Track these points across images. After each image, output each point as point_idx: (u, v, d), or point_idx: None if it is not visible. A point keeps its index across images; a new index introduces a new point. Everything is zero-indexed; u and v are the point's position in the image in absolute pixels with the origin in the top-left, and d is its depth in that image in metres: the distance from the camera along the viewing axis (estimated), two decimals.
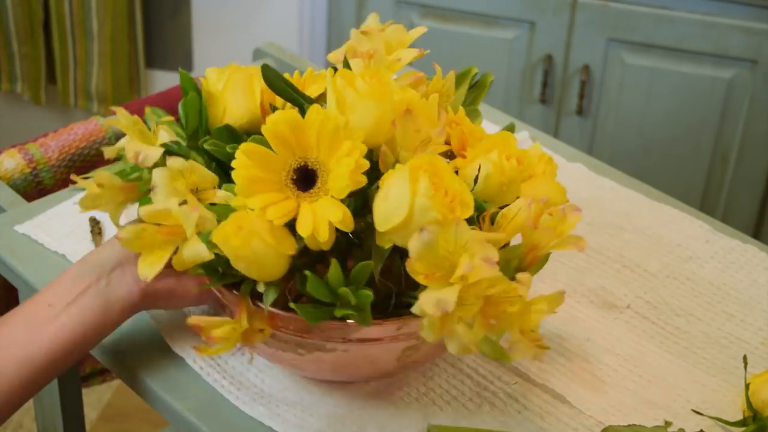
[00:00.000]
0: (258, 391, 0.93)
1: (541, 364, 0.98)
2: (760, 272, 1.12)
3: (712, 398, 0.95)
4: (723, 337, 1.03)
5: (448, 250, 0.75)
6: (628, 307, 1.06)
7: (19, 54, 2.39)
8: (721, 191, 2.07)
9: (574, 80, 2.05)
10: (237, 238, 0.77)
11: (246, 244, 0.77)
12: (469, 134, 0.89)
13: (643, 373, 0.98)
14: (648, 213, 1.20)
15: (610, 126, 2.07)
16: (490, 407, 0.93)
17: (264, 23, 2.32)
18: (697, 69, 1.97)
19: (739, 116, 1.98)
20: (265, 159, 0.79)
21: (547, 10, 2.01)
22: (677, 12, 1.94)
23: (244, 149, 0.79)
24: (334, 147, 0.79)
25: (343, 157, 0.78)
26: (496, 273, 0.74)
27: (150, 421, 2.01)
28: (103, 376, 1.46)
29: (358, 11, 2.12)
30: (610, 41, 2.00)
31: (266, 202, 0.78)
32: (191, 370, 0.95)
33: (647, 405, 0.94)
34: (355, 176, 0.78)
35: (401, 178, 0.77)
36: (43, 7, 2.33)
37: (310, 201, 0.79)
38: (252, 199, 0.78)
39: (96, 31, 2.33)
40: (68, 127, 1.30)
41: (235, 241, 0.77)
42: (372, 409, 0.92)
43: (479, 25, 2.06)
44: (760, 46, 1.91)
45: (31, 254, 1.07)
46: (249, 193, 0.79)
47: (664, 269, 1.11)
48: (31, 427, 1.97)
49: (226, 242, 0.77)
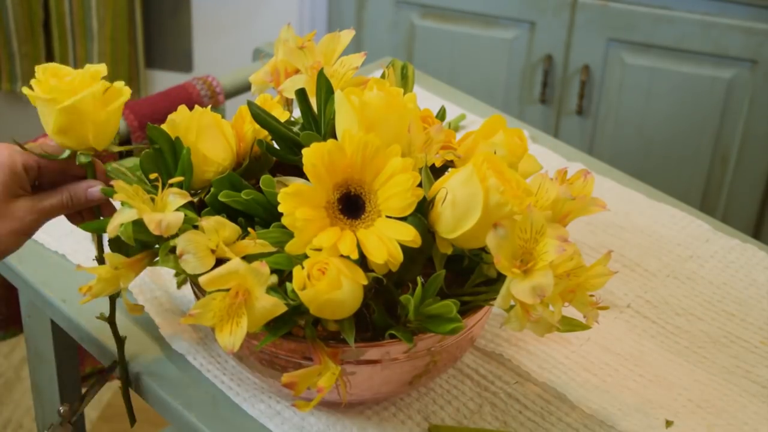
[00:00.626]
0: (259, 389, 0.93)
1: (542, 363, 0.98)
2: (760, 272, 1.12)
3: (713, 397, 0.96)
4: (723, 337, 1.03)
5: (524, 238, 0.76)
6: (628, 307, 1.06)
7: (20, 54, 2.39)
8: (721, 191, 2.07)
9: (574, 80, 2.05)
10: (323, 281, 0.75)
11: (335, 285, 0.75)
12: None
13: (643, 373, 0.98)
14: (648, 213, 1.20)
15: (610, 126, 2.07)
16: (490, 407, 0.93)
17: (264, 23, 2.32)
18: (697, 69, 1.97)
19: (739, 116, 1.98)
20: (310, 196, 0.78)
21: (547, 10, 2.01)
22: (677, 12, 1.94)
23: (289, 192, 0.77)
24: (377, 168, 0.78)
25: (398, 175, 0.77)
26: (575, 249, 0.75)
27: (150, 421, 2.01)
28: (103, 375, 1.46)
29: (358, 11, 2.12)
30: (610, 41, 2.00)
31: (331, 238, 0.76)
32: (191, 369, 0.95)
33: (648, 404, 0.94)
34: (416, 191, 0.77)
35: (466, 179, 0.77)
36: (43, 6, 2.33)
37: (365, 227, 0.78)
38: (317, 239, 0.76)
39: (96, 30, 2.34)
40: None
41: (321, 285, 0.75)
42: (372, 410, 0.92)
43: (479, 25, 2.06)
44: (760, 46, 1.91)
45: (31, 254, 1.07)
46: (309, 234, 0.77)
47: (664, 269, 1.11)
48: (31, 427, 1.97)
49: (312, 288, 0.75)
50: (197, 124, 0.87)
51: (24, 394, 2.04)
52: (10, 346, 2.16)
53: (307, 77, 0.90)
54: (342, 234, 0.77)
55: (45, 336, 1.12)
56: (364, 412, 0.91)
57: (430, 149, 0.84)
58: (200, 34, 2.37)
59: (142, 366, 0.95)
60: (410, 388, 0.89)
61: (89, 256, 1.07)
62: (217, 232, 0.80)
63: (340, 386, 0.80)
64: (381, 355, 0.82)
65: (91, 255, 1.07)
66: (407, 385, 0.88)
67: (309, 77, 0.89)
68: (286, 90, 0.90)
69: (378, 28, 2.10)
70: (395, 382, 0.86)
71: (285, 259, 0.79)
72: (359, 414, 0.91)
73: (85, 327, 0.99)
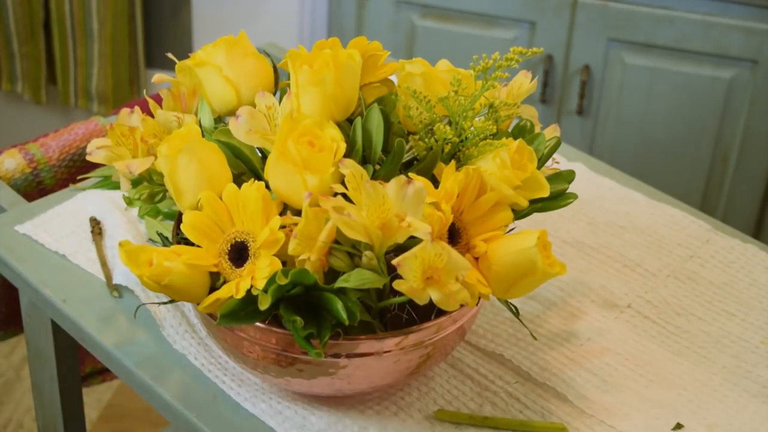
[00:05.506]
0: (259, 389, 0.93)
1: (542, 363, 0.98)
2: (761, 272, 1.12)
3: (713, 397, 0.95)
4: (723, 336, 1.03)
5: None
6: (629, 307, 1.06)
7: (20, 54, 2.39)
8: (721, 191, 2.06)
9: (575, 80, 2.05)
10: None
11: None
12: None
13: (644, 373, 0.98)
14: (648, 213, 1.20)
15: (610, 126, 2.07)
16: (491, 407, 0.93)
17: (264, 23, 2.32)
18: (698, 69, 1.97)
19: (740, 116, 1.98)
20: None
21: (547, 10, 2.01)
22: (678, 12, 1.94)
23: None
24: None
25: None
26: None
27: (150, 421, 2.01)
28: (103, 375, 1.46)
29: (358, 11, 2.12)
30: (610, 41, 2.00)
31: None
32: (192, 369, 0.95)
33: (649, 404, 0.94)
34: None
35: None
36: (43, 7, 2.33)
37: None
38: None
39: (96, 31, 2.33)
40: (69, 127, 1.30)
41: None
42: (373, 409, 0.92)
43: (479, 25, 2.06)
44: (761, 46, 1.91)
45: (31, 254, 1.07)
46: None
47: (664, 269, 1.11)
48: (32, 427, 1.97)
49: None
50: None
51: (24, 394, 2.04)
52: (10, 346, 2.15)
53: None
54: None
55: (45, 336, 1.12)
56: (364, 411, 0.91)
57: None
58: (200, 34, 2.37)
59: (143, 366, 0.95)
60: (405, 381, 0.90)
61: (89, 256, 1.07)
62: None
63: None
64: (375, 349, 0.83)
65: (92, 255, 1.07)
66: (403, 379, 0.88)
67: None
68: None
69: (378, 28, 2.10)
70: (391, 374, 0.87)
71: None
72: (360, 413, 0.91)
73: (85, 327, 0.99)
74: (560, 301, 1.05)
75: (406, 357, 0.85)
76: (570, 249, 1.13)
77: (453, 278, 0.78)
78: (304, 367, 0.84)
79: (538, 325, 1.02)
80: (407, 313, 0.86)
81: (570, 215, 1.18)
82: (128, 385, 0.98)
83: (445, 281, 0.78)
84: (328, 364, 0.84)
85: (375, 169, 0.88)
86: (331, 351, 0.82)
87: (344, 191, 0.80)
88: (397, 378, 0.88)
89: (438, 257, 0.77)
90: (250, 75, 0.94)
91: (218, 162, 0.85)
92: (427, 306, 0.80)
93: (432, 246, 0.76)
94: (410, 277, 0.77)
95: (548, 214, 1.12)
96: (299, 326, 0.78)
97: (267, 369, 0.86)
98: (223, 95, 0.93)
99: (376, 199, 0.78)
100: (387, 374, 0.86)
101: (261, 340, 0.83)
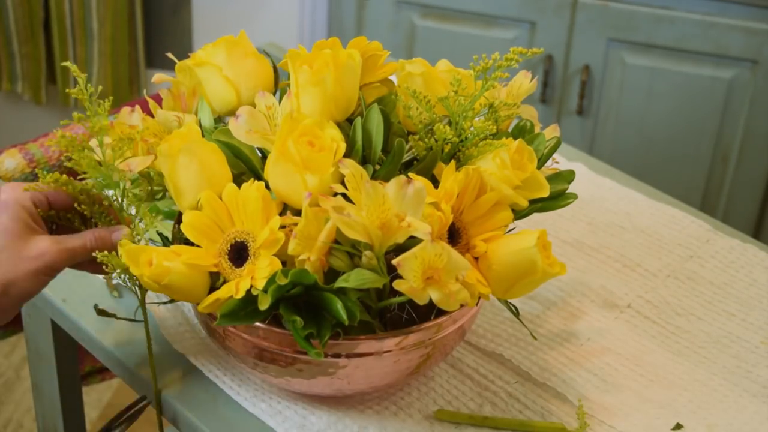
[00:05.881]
0: (259, 389, 0.93)
1: (542, 363, 0.98)
2: (761, 272, 1.12)
3: (713, 397, 0.95)
4: (724, 336, 1.03)
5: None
6: (629, 307, 1.06)
7: (20, 54, 2.39)
8: (721, 191, 2.07)
9: (575, 80, 2.05)
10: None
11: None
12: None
13: (644, 373, 0.98)
14: (648, 213, 1.20)
15: (610, 126, 2.07)
16: (491, 407, 0.93)
17: (264, 23, 2.32)
18: (698, 69, 1.97)
19: (740, 116, 1.98)
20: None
21: (547, 10, 2.01)
22: (678, 12, 1.94)
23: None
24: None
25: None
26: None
27: (150, 421, 2.01)
28: (103, 375, 1.46)
29: (359, 11, 2.12)
30: (610, 41, 2.00)
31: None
32: (192, 369, 0.95)
33: (649, 404, 0.94)
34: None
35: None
36: (43, 6, 2.33)
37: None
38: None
39: (96, 30, 2.33)
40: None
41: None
42: (373, 409, 0.92)
43: (479, 25, 2.06)
44: (761, 46, 1.91)
45: None
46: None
47: (664, 269, 1.11)
48: (32, 427, 1.97)
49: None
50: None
51: (24, 394, 2.04)
52: (10, 346, 2.15)
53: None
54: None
55: (45, 336, 1.12)
56: (364, 411, 0.91)
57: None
58: (200, 34, 2.37)
59: (143, 366, 0.95)
60: (405, 381, 0.90)
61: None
62: None
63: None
64: (374, 348, 0.83)
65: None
66: (402, 379, 0.88)
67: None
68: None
69: (378, 28, 2.10)
70: (391, 374, 0.87)
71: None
72: (360, 413, 0.91)
73: (85, 327, 0.99)
74: (560, 301, 1.05)
75: (406, 357, 0.85)
76: (570, 249, 1.13)
77: (453, 278, 0.78)
78: (303, 366, 0.84)
79: (538, 325, 1.02)
80: (407, 313, 0.86)
81: (570, 215, 1.18)
82: (128, 385, 0.98)
83: (445, 281, 0.78)
84: (328, 364, 0.84)
85: (375, 169, 0.87)
86: (330, 351, 0.82)
87: (344, 191, 0.80)
88: (397, 378, 0.88)
89: (438, 257, 0.77)
90: (250, 75, 0.94)
91: (218, 162, 0.85)
92: (427, 306, 0.80)
93: (432, 246, 0.76)
94: (410, 277, 0.77)
95: (548, 214, 1.12)
96: (299, 326, 0.78)
97: (267, 369, 0.86)
98: (223, 95, 0.93)
99: (376, 199, 0.78)
100: (387, 374, 0.86)
101: (261, 340, 0.83)
